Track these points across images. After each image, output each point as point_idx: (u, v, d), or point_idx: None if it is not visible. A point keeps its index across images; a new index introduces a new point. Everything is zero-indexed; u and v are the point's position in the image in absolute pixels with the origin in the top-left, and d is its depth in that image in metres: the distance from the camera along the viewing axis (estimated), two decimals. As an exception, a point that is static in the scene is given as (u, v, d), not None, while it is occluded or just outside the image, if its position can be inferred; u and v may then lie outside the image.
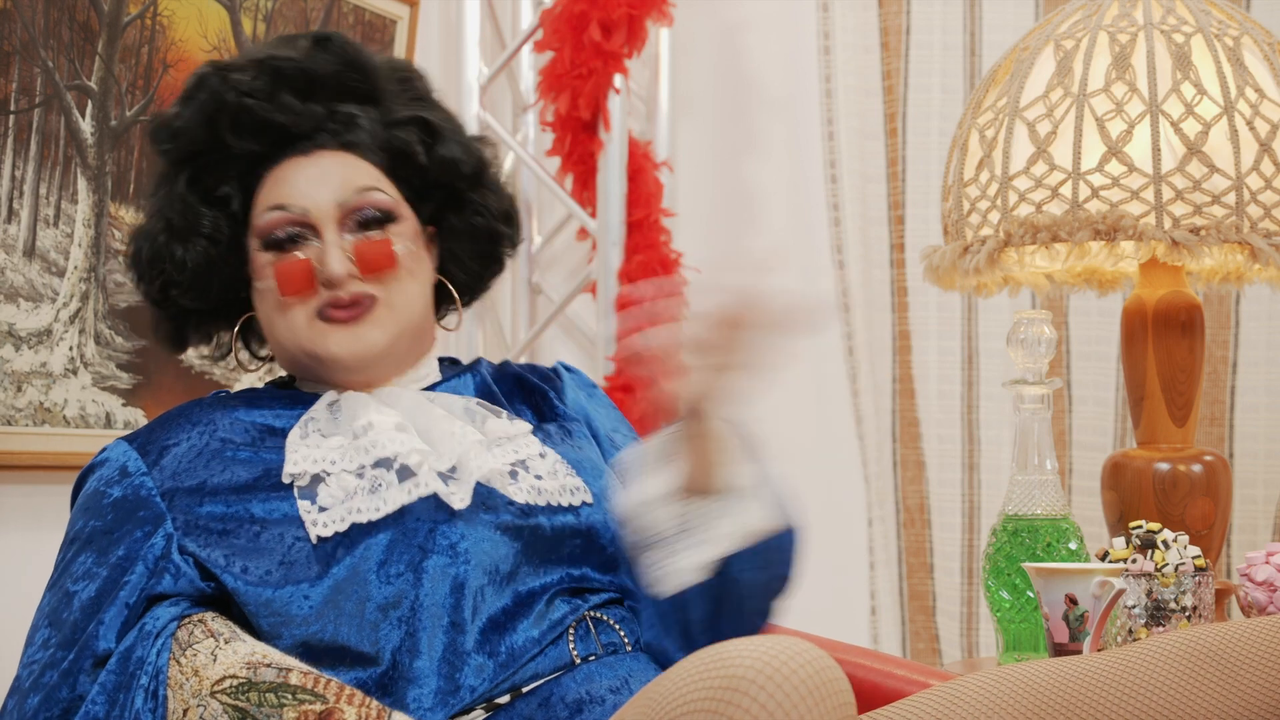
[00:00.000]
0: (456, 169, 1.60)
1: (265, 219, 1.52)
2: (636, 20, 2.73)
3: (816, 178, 2.93)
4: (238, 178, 1.54)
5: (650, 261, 2.81)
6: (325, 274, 1.49)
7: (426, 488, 1.43)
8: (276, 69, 1.54)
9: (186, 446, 1.48)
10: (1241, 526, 2.64)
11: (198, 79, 1.55)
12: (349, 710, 1.30)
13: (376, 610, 1.38)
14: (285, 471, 1.44)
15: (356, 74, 1.58)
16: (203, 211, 1.53)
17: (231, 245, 1.54)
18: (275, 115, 1.53)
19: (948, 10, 2.85)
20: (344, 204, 1.52)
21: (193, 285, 1.54)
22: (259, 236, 1.53)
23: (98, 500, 1.46)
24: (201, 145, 1.53)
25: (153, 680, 1.34)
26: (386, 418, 1.48)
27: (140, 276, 1.57)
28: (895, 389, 2.89)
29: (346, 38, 1.60)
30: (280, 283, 1.50)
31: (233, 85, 1.53)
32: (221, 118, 1.52)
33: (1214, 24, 2.03)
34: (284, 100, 1.53)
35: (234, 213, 1.54)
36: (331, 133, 1.55)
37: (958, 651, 2.82)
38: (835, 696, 1.13)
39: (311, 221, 1.51)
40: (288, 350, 1.54)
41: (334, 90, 1.56)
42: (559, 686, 1.39)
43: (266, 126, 1.53)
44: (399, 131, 1.58)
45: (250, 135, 1.53)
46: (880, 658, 1.71)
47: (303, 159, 1.54)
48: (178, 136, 1.54)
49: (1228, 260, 2.09)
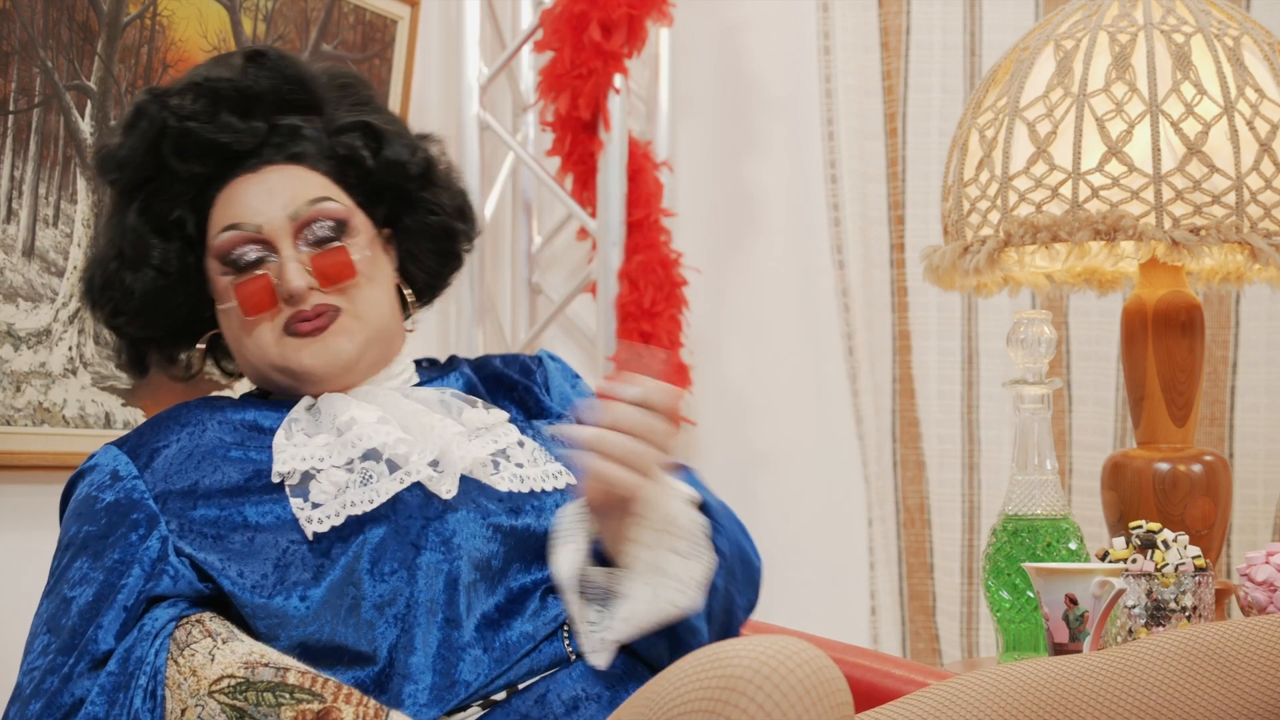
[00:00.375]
0: (404, 170, 1.61)
1: (220, 240, 1.52)
2: (636, 20, 2.73)
3: (816, 178, 2.93)
4: (189, 201, 1.55)
5: (650, 261, 2.81)
6: (285, 289, 1.50)
7: (415, 475, 1.43)
8: (214, 90, 1.54)
9: (177, 448, 1.48)
10: (1241, 526, 2.64)
11: (136, 108, 1.55)
12: (346, 709, 1.30)
13: (372, 609, 1.39)
14: (275, 470, 1.44)
15: (293, 86, 1.58)
16: (153, 241, 1.54)
17: (183, 272, 1.55)
18: (218, 136, 1.53)
19: (948, 10, 2.85)
20: (296, 217, 1.52)
21: (140, 313, 1.55)
22: (216, 257, 1.53)
23: (90, 505, 1.46)
24: (148, 173, 1.54)
25: (151, 680, 1.34)
26: (367, 413, 1.48)
27: (93, 304, 1.57)
28: (895, 389, 2.89)
29: (280, 51, 1.60)
30: (242, 304, 1.51)
31: (172, 110, 1.53)
32: (165, 143, 1.53)
33: (1214, 24, 2.03)
34: (225, 120, 1.54)
35: (189, 236, 1.55)
36: (276, 146, 1.56)
37: (958, 651, 2.82)
38: (833, 696, 1.13)
39: (266, 238, 1.52)
40: (258, 368, 1.54)
41: (274, 105, 1.57)
42: (555, 683, 1.39)
43: (210, 148, 1.53)
44: (343, 138, 1.59)
45: (195, 158, 1.53)
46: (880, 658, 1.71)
47: (251, 176, 1.54)
48: (124, 166, 1.54)
49: (1228, 260, 2.09)
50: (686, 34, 3.01)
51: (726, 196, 3.08)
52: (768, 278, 3.05)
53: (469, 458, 1.47)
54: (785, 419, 3.03)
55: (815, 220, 2.95)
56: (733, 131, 3.07)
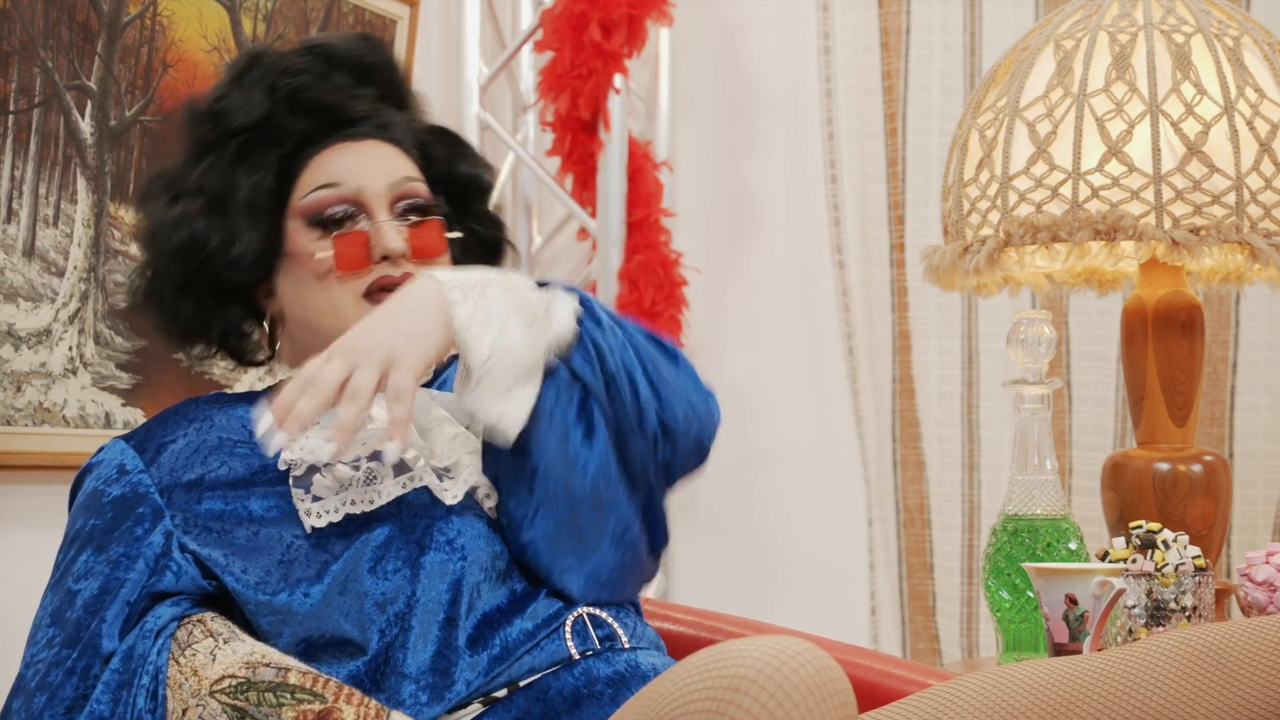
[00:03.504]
0: (476, 182, 1.65)
1: (315, 196, 1.53)
2: (636, 20, 2.73)
3: (816, 178, 2.93)
4: (277, 160, 1.54)
5: (650, 261, 2.81)
6: (384, 248, 1.50)
7: (420, 481, 1.43)
8: (327, 53, 1.57)
9: (184, 443, 1.48)
10: (1241, 526, 2.64)
11: (250, 57, 1.56)
12: (347, 710, 1.30)
13: (374, 606, 1.39)
14: (282, 459, 1.44)
15: (394, 74, 1.62)
16: (247, 181, 1.53)
17: (267, 218, 1.54)
18: (330, 95, 1.55)
19: (948, 10, 2.85)
20: (395, 188, 1.54)
21: (238, 259, 1.52)
22: (303, 215, 1.52)
23: (97, 499, 1.46)
24: (249, 122, 1.53)
25: (153, 680, 1.35)
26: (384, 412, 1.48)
27: (175, 256, 1.53)
28: (895, 389, 2.89)
29: (384, 41, 1.63)
30: (339, 256, 1.50)
31: (287, 64, 1.55)
32: (277, 93, 1.53)
33: (1214, 24, 2.03)
34: (338, 81, 1.56)
35: (268, 190, 1.54)
36: (377, 124, 1.58)
37: (958, 651, 2.82)
38: (836, 696, 1.13)
39: (363, 200, 1.53)
40: (322, 333, 1.50)
41: (378, 84, 1.60)
42: (556, 681, 1.39)
43: (318, 107, 1.55)
44: (428, 137, 1.63)
45: (304, 113, 1.54)
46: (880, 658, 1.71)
47: (352, 143, 1.56)
48: (222, 115, 1.54)
49: (1228, 260, 2.09)
50: (686, 34, 3.01)
51: (726, 196, 3.08)
52: (768, 278, 3.05)
53: (473, 479, 1.46)
54: (785, 419, 3.03)
55: (815, 220, 2.95)
56: (733, 131, 3.07)
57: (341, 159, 1.54)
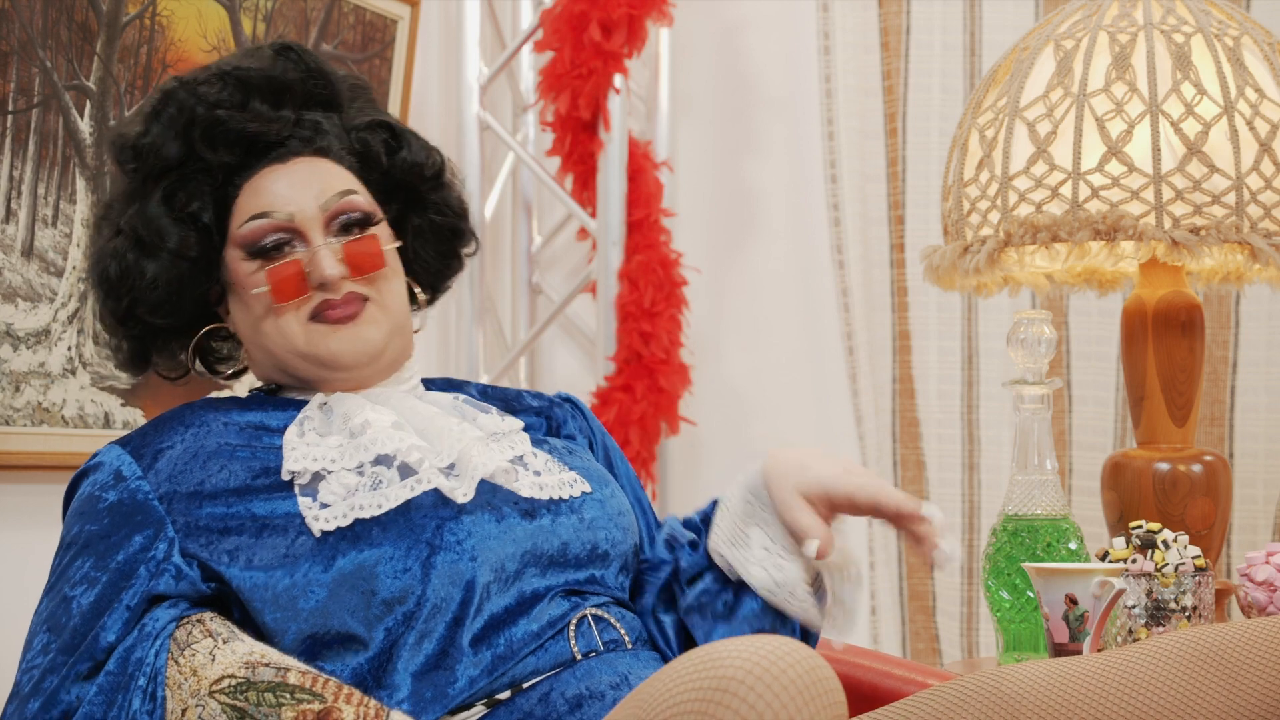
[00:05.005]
0: (420, 171, 1.62)
1: (248, 228, 1.52)
2: (636, 20, 2.73)
3: (816, 178, 2.93)
4: (210, 192, 1.54)
5: (650, 261, 2.81)
6: (319, 276, 1.49)
7: (428, 483, 1.43)
8: (243, 79, 1.54)
9: (181, 449, 1.47)
10: (1241, 526, 2.64)
11: (163, 94, 1.54)
12: (347, 709, 1.30)
13: (381, 604, 1.38)
14: (285, 469, 1.44)
15: (319, 80, 1.59)
16: (172, 229, 1.52)
17: (202, 260, 1.54)
18: (248, 124, 1.53)
19: (948, 10, 2.85)
20: (327, 207, 1.53)
21: (164, 302, 1.53)
22: (241, 246, 1.52)
23: (93, 505, 1.46)
24: (173, 161, 1.53)
25: (151, 682, 1.34)
26: (382, 416, 1.48)
27: (107, 294, 1.55)
28: (895, 389, 2.89)
29: (305, 47, 1.61)
30: (274, 289, 1.50)
31: (201, 97, 1.53)
32: (194, 130, 1.52)
33: (1214, 24, 2.03)
34: (255, 109, 1.54)
35: (206, 226, 1.54)
36: (303, 139, 1.56)
37: (958, 651, 2.82)
38: (826, 696, 1.12)
39: (297, 227, 1.51)
40: (278, 358, 1.53)
41: (300, 97, 1.57)
42: (559, 682, 1.39)
43: (239, 137, 1.53)
44: (364, 135, 1.60)
45: (224, 146, 1.53)
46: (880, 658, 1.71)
47: (279, 166, 1.54)
48: (146, 154, 1.53)
49: (1228, 260, 2.09)
50: (686, 34, 3.01)
51: (726, 196, 3.08)
52: (768, 278, 3.05)
53: (490, 463, 1.46)
54: (785, 419, 3.03)
55: (815, 220, 2.95)
56: (733, 131, 3.07)
57: (271, 184, 1.53)
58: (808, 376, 3.01)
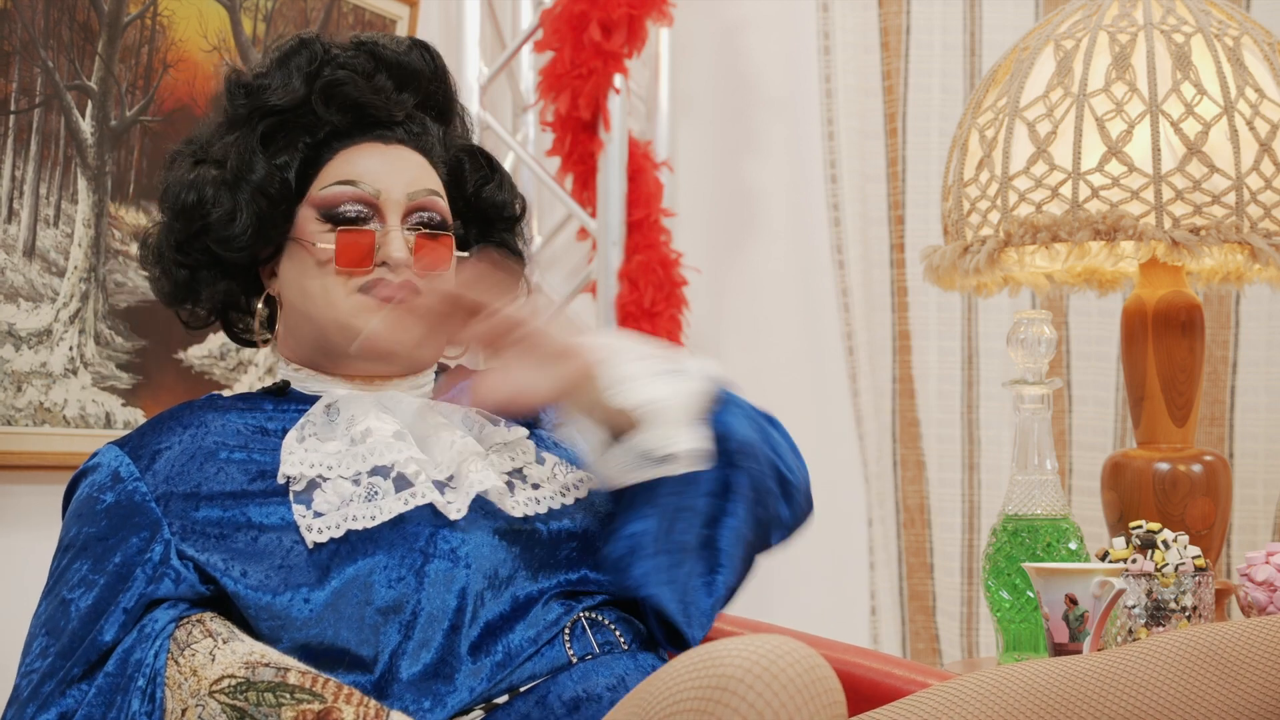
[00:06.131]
0: (501, 209, 1.65)
1: (332, 190, 1.52)
2: (636, 20, 2.73)
3: (816, 178, 2.93)
4: (304, 148, 1.54)
5: (650, 261, 2.81)
6: (388, 254, 1.50)
7: (423, 498, 1.43)
8: (376, 54, 1.57)
9: (179, 450, 1.47)
10: (1241, 526, 2.64)
11: (300, 40, 1.56)
12: (347, 709, 1.30)
13: (377, 614, 1.38)
14: (281, 473, 1.44)
15: (441, 84, 1.63)
16: (262, 165, 1.53)
17: (277, 203, 1.54)
18: (368, 94, 1.55)
19: (948, 10, 2.85)
20: (413, 198, 1.54)
21: (233, 237, 1.53)
22: (319, 207, 1.52)
23: (91, 506, 1.45)
24: (284, 105, 1.53)
25: (150, 683, 1.34)
26: (385, 425, 1.48)
27: (176, 217, 1.54)
28: (895, 389, 2.89)
29: (436, 50, 1.64)
30: (341, 251, 1.50)
31: (333, 56, 1.55)
32: (316, 82, 1.54)
33: (1214, 24, 2.03)
34: (380, 82, 1.56)
35: (286, 178, 1.54)
36: (409, 131, 1.58)
37: (958, 651, 2.82)
38: (825, 695, 1.12)
39: (379, 204, 1.53)
40: (316, 323, 1.52)
41: (421, 92, 1.60)
42: (556, 685, 1.39)
43: (355, 103, 1.55)
44: (462, 155, 1.63)
45: (338, 107, 1.54)
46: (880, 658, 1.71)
47: (380, 145, 1.56)
48: (259, 92, 1.54)
49: (1228, 260, 2.09)
50: (686, 34, 3.01)
51: (726, 196, 3.08)
52: (768, 278, 3.05)
53: (485, 481, 1.46)
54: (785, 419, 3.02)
55: (815, 220, 2.95)
56: (733, 131, 3.07)
57: (367, 159, 1.54)
58: (808, 376, 3.01)
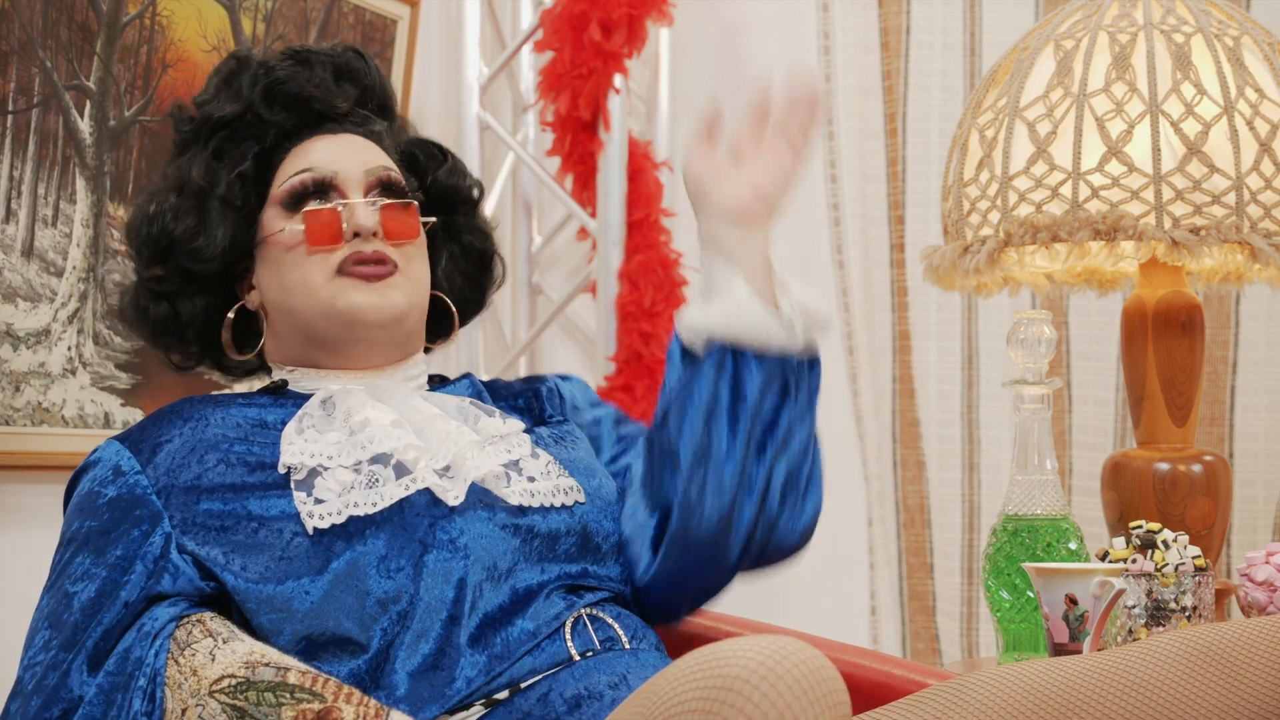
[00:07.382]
0: (459, 192, 1.67)
1: (290, 182, 1.55)
2: (636, 20, 2.73)
3: (816, 178, 2.93)
4: (255, 157, 1.56)
5: (650, 261, 2.81)
6: (357, 224, 1.52)
7: (422, 483, 1.44)
8: (310, 56, 1.61)
9: (179, 443, 1.48)
10: (1241, 526, 2.64)
11: (235, 60, 1.60)
12: (347, 709, 1.30)
13: (376, 604, 1.39)
14: (281, 462, 1.44)
15: (379, 85, 1.65)
16: (222, 176, 1.56)
17: (242, 212, 1.56)
18: (309, 89, 1.58)
19: (948, 10, 2.85)
20: (371, 174, 1.56)
21: (203, 248, 1.54)
22: (281, 202, 1.55)
23: (92, 500, 1.46)
24: (228, 117, 1.56)
25: (150, 682, 1.34)
26: (382, 414, 1.48)
27: (144, 244, 1.57)
28: (895, 389, 2.89)
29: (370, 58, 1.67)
30: (309, 231, 1.52)
31: (267, 62, 1.58)
32: (255, 89, 1.56)
33: (1214, 24, 2.03)
34: (319, 76, 1.59)
35: (247, 185, 1.56)
36: (356, 121, 1.61)
37: (958, 651, 2.82)
38: (830, 696, 1.12)
39: (338, 183, 1.55)
40: (301, 318, 1.53)
41: (360, 88, 1.63)
42: (557, 682, 1.39)
43: (297, 100, 1.57)
44: (413, 148, 1.65)
45: (281, 106, 1.57)
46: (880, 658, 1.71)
47: (330, 136, 1.58)
48: (202, 106, 1.58)
49: (1228, 260, 2.09)
50: (686, 34, 3.01)
51: (726, 196, 3.07)
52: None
53: (482, 467, 1.47)
54: (785, 419, 3.02)
55: (815, 220, 2.94)
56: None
57: (319, 149, 1.57)
58: (808, 376, 3.01)
